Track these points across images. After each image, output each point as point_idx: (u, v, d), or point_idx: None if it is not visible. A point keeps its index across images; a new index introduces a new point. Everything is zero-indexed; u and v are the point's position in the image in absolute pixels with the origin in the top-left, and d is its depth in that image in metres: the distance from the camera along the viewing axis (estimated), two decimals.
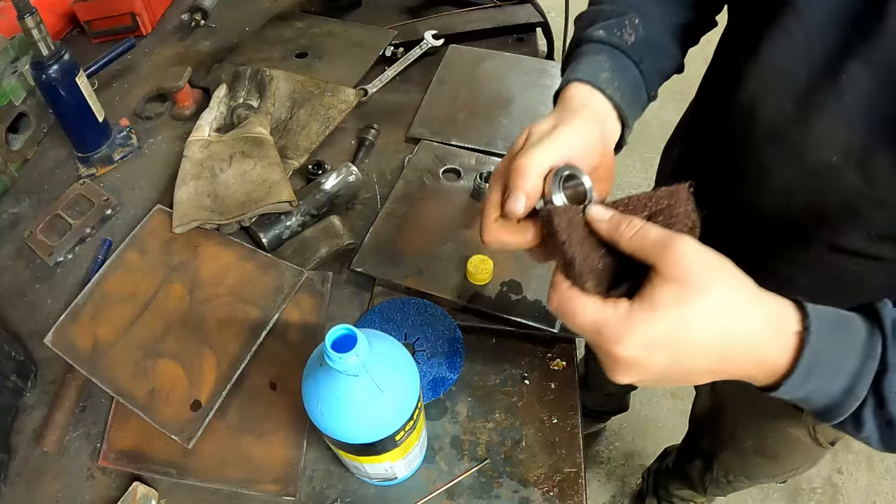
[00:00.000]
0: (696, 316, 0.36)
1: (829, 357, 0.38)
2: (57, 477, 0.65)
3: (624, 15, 0.57)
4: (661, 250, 0.37)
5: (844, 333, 0.39)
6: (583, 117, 0.47)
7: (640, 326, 0.36)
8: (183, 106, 1.01)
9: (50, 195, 0.91)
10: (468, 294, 0.75)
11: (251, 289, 0.76)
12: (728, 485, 1.05)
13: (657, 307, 0.36)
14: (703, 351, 0.37)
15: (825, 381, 0.38)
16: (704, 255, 0.37)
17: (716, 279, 0.37)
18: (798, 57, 0.48)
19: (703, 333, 0.36)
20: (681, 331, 0.36)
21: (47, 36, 0.83)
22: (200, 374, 0.69)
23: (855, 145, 0.46)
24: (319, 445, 0.66)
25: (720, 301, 0.36)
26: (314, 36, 1.12)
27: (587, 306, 0.39)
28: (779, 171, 0.53)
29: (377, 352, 0.48)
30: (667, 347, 0.37)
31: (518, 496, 0.62)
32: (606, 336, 0.37)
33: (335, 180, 0.83)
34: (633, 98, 0.55)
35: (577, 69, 0.53)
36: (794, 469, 0.90)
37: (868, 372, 0.38)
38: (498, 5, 1.17)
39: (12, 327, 0.77)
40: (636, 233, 0.39)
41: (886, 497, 1.56)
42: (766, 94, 0.51)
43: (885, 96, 0.43)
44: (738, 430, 0.89)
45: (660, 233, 0.38)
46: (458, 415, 0.67)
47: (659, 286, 0.36)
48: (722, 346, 0.37)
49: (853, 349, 0.39)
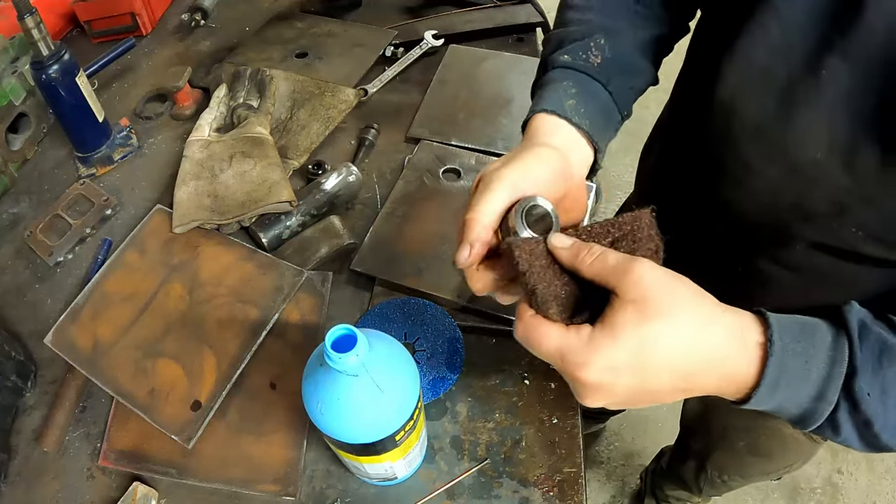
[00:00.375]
0: (656, 337, 0.37)
1: (795, 366, 0.39)
2: (57, 477, 0.65)
3: (589, 37, 0.56)
4: (620, 274, 0.38)
5: (809, 341, 0.39)
6: (535, 155, 0.47)
7: (603, 351, 0.37)
8: (183, 106, 1.01)
9: (50, 195, 0.91)
10: (468, 294, 0.75)
11: (251, 289, 0.76)
12: (723, 484, 1.05)
13: (618, 331, 0.37)
14: (666, 370, 0.38)
15: (794, 390, 0.39)
16: (663, 276, 0.38)
17: (674, 299, 0.37)
18: (777, 54, 0.47)
19: (664, 353, 0.37)
20: (643, 353, 0.37)
21: (47, 36, 0.83)
22: (200, 374, 0.69)
23: (839, 142, 0.46)
24: (319, 445, 0.66)
25: (680, 320, 0.37)
26: (314, 36, 1.12)
27: (551, 334, 0.39)
28: (762, 170, 0.52)
29: (377, 352, 0.48)
30: (630, 370, 0.37)
31: (518, 496, 0.62)
32: (570, 361, 0.38)
33: (335, 180, 0.83)
34: (604, 122, 0.55)
35: (542, 99, 0.53)
36: (789, 466, 0.90)
37: (837, 376, 0.39)
38: (498, 5, 1.17)
39: (12, 327, 0.77)
40: (596, 258, 0.39)
41: (886, 497, 1.56)
42: (746, 92, 0.51)
43: (865, 91, 0.43)
44: (730, 430, 0.89)
45: (619, 257, 0.39)
46: (458, 415, 0.67)
47: (619, 309, 0.37)
48: (685, 363, 0.38)
49: (819, 356, 0.39)
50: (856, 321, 0.40)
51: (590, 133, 0.52)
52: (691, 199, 0.62)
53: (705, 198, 0.60)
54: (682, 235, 0.44)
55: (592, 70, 0.56)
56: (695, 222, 0.62)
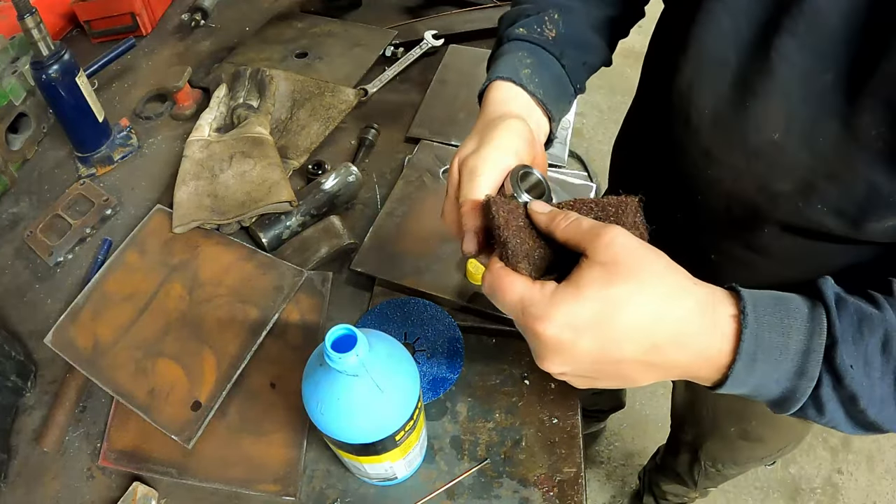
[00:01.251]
0: (621, 298, 0.35)
1: (772, 338, 0.37)
2: (57, 477, 0.65)
3: (544, 11, 0.58)
4: (592, 237, 0.37)
5: (784, 312, 0.38)
6: (507, 128, 0.48)
7: (564, 306, 0.36)
8: (183, 106, 1.01)
9: (50, 195, 0.91)
10: (468, 294, 0.75)
11: (251, 289, 0.76)
12: (718, 474, 1.05)
13: (582, 288, 0.36)
14: (630, 340, 0.36)
15: (772, 366, 0.37)
16: (635, 243, 0.37)
17: (645, 266, 0.36)
18: (728, 41, 0.48)
19: (628, 319, 0.36)
20: (605, 314, 0.36)
21: (47, 36, 0.83)
22: (200, 374, 0.69)
23: (796, 121, 0.46)
24: (319, 445, 0.66)
25: (648, 287, 0.36)
26: (314, 36, 1.12)
27: (515, 285, 0.39)
28: (723, 156, 0.53)
29: (377, 352, 0.48)
30: (591, 331, 0.36)
31: (518, 496, 0.62)
32: (531, 314, 0.37)
33: (335, 180, 0.83)
34: (557, 93, 0.56)
35: (499, 67, 0.54)
36: (781, 448, 0.90)
37: (817, 348, 0.37)
38: (498, 5, 1.17)
39: (12, 327, 0.77)
40: (570, 223, 0.39)
41: (886, 497, 1.56)
42: (701, 80, 0.52)
43: (816, 67, 0.44)
44: (720, 416, 0.89)
45: (593, 223, 0.39)
46: (458, 415, 0.67)
47: (587, 269, 0.37)
48: (651, 334, 0.36)
49: (796, 326, 0.37)
50: (832, 293, 0.39)
51: (544, 102, 0.54)
52: (661, 190, 0.63)
53: (673, 188, 0.60)
54: (656, 226, 0.44)
55: (546, 43, 0.57)
56: (667, 213, 0.63)
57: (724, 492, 1.53)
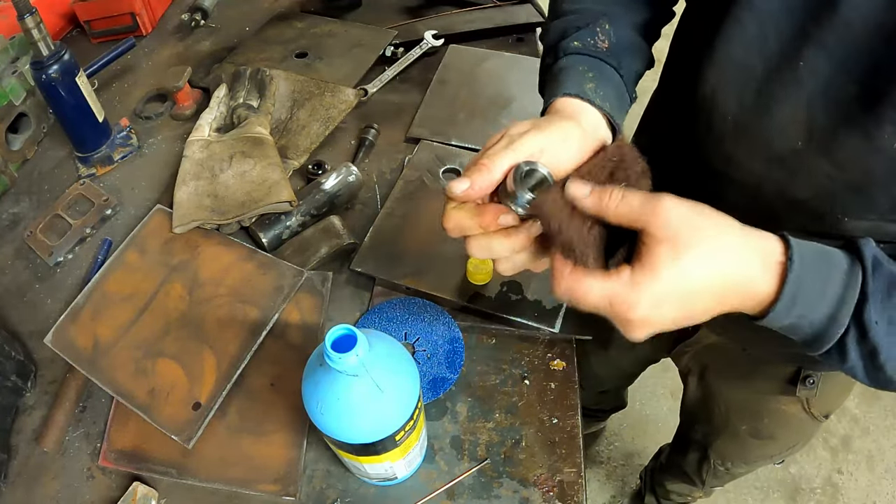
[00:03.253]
0: (691, 267, 0.40)
1: (812, 285, 0.41)
2: (57, 477, 0.65)
3: (594, 23, 0.57)
4: (647, 215, 0.40)
5: (826, 264, 0.42)
6: (563, 125, 0.48)
7: (646, 289, 0.40)
8: (183, 106, 1.01)
9: (50, 195, 0.91)
10: (468, 294, 0.75)
11: (251, 289, 0.76)
12: (727, 473, 1.05)
13: (657, 268, 0.40)
14: (703, 293, 0.41)
15: (809, 308, 0.41)
16: (687, 210, 0.40)
17: (702, 230, 0.40)
18: (754, 49, 0.49)
19: (700, 279, 0.40)
20: (681, 283, 0.40)
21: (47, 36, 0.83)
22: (200, 374, 0.69)
23: (818, 131, 0.47)
24: (319, 445, 0.66)
25: (710, 248, 0.40)
26: (314, 36, 1.12)
27: (594, 286, 0.41)
28: (745, 162, 0.54)
29: (377, 352, 0.48)
30: (672, 300, 0.40)
31: (518, 496, 0.62)
32: (619, 306, 0.41)
33: (335, 180, 0.83)
34: (619, 104, 0.56)
35: (562, 83, 0.53)
36: (791, 447, 0.90)
37: (850, 300, 0.41)
38: (498, 5, 1.17)
39: (12, 327, 0.77)
40: (619, 203, 0.41)
41: (886, 497, 1.56)
42: (726, 87, 0.52)
43: (843, 79, 0.45)
44: (732, 415, 0.89)
45: (640, 198, 0.41)
46: (458, 415, 0.67)
47: (654, 248, 0.40)
48: (718, 285, 0.41)
49: (835, 278, 0.41)
50: (870, 254, 0.42)
51: (610, 115, 0.53)
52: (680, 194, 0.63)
53: (693, 192, 0.60)
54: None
55: (603, 54, 0.56)
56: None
57: (725, 492, 1.53)
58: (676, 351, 0.90)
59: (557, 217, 0.42)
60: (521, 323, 0.73)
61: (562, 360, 0.71)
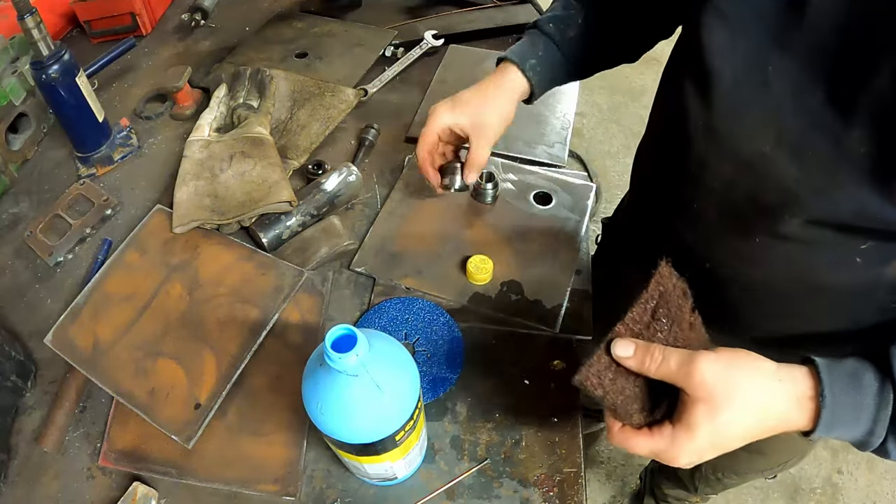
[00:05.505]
0: (728, 423, 0.44)
1: (846, 412, 0.44)
2: (57, 477, 0.65)
3: (575, 13, 0.71)
4: (684, 377, 0.45)
5: (857, 390, 0.45)
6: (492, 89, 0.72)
7: (686, 446, 0.45)
8: (183, 106, 1.01)
9: (50, 195, 0.91)
10: (468, 294, 0.75)
11: (251, 289, 0.76)
12: (718, 482, 1.05)
13: (694, 428, 0.45)
14: (740, 438, 0.46)
15: (845, 430, 0.45)
16: (722, 370, 0.44)
17: (736, 387, 0.44)
18: (724, 54, 0.50)
19: (737, 430, 0.45)
20: (719, 436, 0.45)
21: (47, 36, 0.83)
22: (200, 374, 0.69)
23: (786, 135, 0.48)
24: (319, 445, 0.66)
25: (744, 402, 0.44)
26: (314, 36, 1.12)
27: (641, 443, 0.47)
28: (715, 166, 0.55)
29: (377, 352, 0.48)
30: (711, 448, 0.46)
31: (518, 496, 0.62)
32: (664, 458, 0.47)
33: (335, 180, 0.83)
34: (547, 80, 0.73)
35: (515, 49, 0.72)
36: (784, 463, 0.91)
37: (884, 418, 0.44)
38: (498, 5, 1.17)
39: (12, 327, 0.77)
40: (660, 365, 0.46)
41: (886, 497, 1.56)
42: (698, 94, 0.53)
43: (811, 84, 0.46)
44: None
45: (677, 359, 0.45)
46: (458, 415, 0.67)
47: (691, 408, 0.45)
48: (754, 430, 0.46)
49: (867, 402, 0.45)
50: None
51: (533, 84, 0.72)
52: (667, 199, 0.66)
53: (675, 197, 0.63)
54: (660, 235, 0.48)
55: (563, 42, 0.71)
56: (668, 221, 0.66)
57: (724, 492, 1.53)
58: None
59: (601, 386, 0.47)
60: (521, 323, 0.73)
61: (562, 360, 0.71)
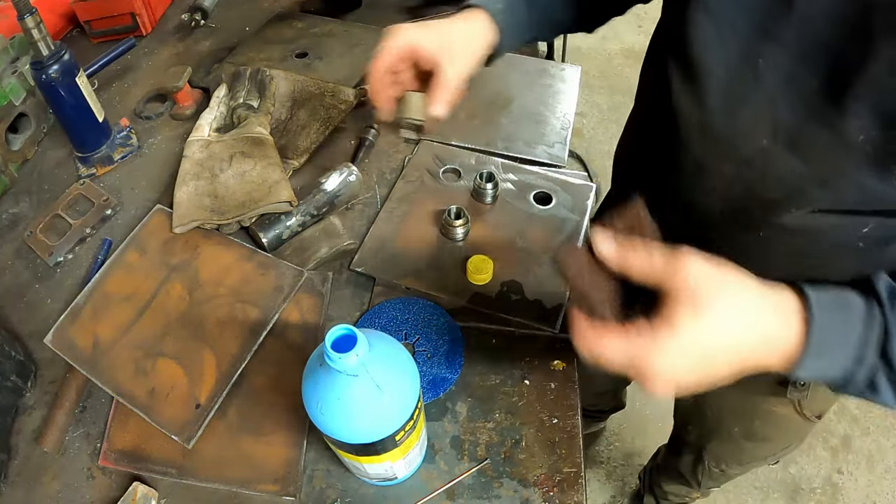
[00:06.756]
0: (711, 326, 0.41)
1: (834, 333, 0.42)
2: (57, 477, 0.65)
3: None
4: (669, 275, 0.41)
5: (844, 309, 0.43)
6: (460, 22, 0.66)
7: (665, 346, 0.41)
8: (183, 106, 1.01)
9: (50, 195, 0.91)
10: (468, 294, 0.75)
11: (251, 289, 0.76)
12: (722, 474, 1.05)
13: (676, 326, 0.40)
14: (724, 350, 0.41)
15: (834, 355, 0.42)
16: (708, 270, 0.41)
17: (724, 290, 0.41)
18: (713, 50, 0.49)
19: (721, 337, 0.41)
20: (701, 341, 0.41)
21: (47, 36, 0.83)
22: (200, 374, 0.69)
23: (783, 127, 0.47)
24: (319, 445, 0.66)
25: (729, 307, 0.41)
26: (314, 36, 1.12)
27: (613, 344, 0.42)
28: (714, 166, 0.54)
29: (377, 352, 0.48)
30: (691, 357, 0.41)
31: (518, 496, 0.62)
32: (638, 363, 0.42)
33: (335, 180, 0.83)
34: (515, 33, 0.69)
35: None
36: (786, 448, 0.90)
37: (873, 340, 0.42)
38: None
39: (12, 327, 0.77)
40: (643, 261, 0.43)
41: (886, 497, 1.56)
42: (689, 94, 0.52)
43: (804, 73, 0.45)
44: (724, 416, 0.89)
45: (663, 255, 0.42)
46: (458, 415, 0.67)
47: (674, 308, 0.41)
48: (739, 342, 0.42)
49: (855, 322, 0.42)
50: (885, 290, 0.43)
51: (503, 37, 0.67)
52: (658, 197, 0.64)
53: (669, 196, 0.61)
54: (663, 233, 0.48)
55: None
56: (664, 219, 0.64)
57: (725, 492, 1.53)
58: None
59: (576, 270, 0.44)
60: (521, 323, 0.73)
61: (562, 360, 0.71)
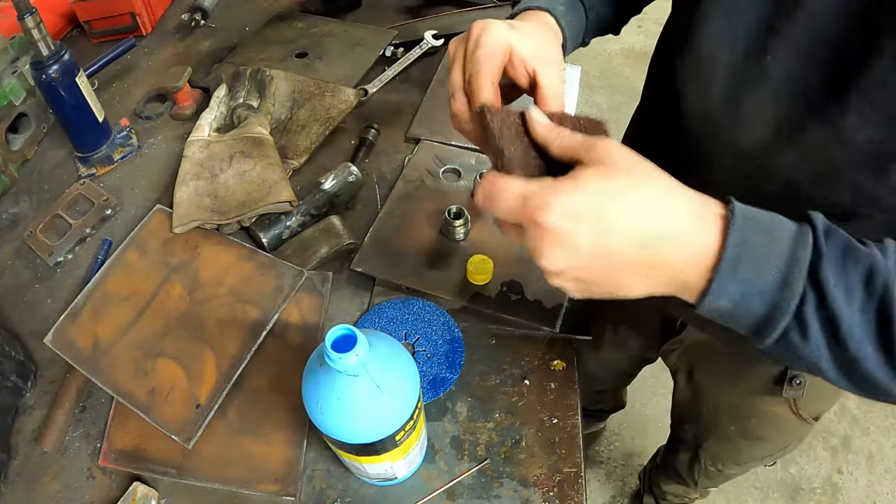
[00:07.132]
0: (617, 191, 0.37)
1: (757, 243, 0.36)
2: (57, 477, 0.65)
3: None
4: (588, 147, 0.39)
5: (771, 223, 0.38)
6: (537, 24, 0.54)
7: (564, 194, 0.37)
8: (183, 106, 1.01)
9: (50, 195, 0.91)
10: (468, 294, 0.75)
11: (251, 289, 0.76)
12: (719, 474, 1.05)
13: (580, 180, 0.37)
14: (624, 230, 0.37)
15: (756, 271, 0.36)
16: (629, 152, 0.39)
17: (638, 167, 0.38)
18: (722, 43, 0.49)
19: (624, 210, 0.36)
20: (602, 204, 0.36)
21: (47, 36, 0.83)
22: (200, 374, 0.69)
23: (783, 122, 0.47)
24: (319, 445, 0.66)
25: (642, 183, 0.37)
26: (314, 36, 1.12)
27: (513, 183, 0.39)
28: (714, 156, 0.54)
29: (377, 352, 0.48)
30: (589, 219, 0.36)
31: (518, 496, 0.62)
32: (532, 205, 0.37)
33: (335, 180, 0.83)
34: (575, 36, 0.60)
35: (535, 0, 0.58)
36: (782, 448, 0.90)
37: (802, 259, 0.36)
38: (498, 5, 1.16)
39: (12, 327, 0.77)
40: (567, 135, 0.41)
41: (886, 497, 1.56)
42: (695, 82, 0.53)
43: (808, 70, 0.45)
44: (720, 415, 0.89)
45: (588, 136, 0.40)
46: (458, 415, 0.67)
47: (584, 167, 0.38)
48: (643, 226, 0.37)
49: (782, 236, 0.37)
50: (821, 220, 0.38)
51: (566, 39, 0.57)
52: None
53: None
54: None
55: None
56: None
57: (724, 492, 1.53)
58: (664, 348, 0.90)
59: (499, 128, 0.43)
60: (521, 323, 0.73)
61: (562, 360, 0.71)
